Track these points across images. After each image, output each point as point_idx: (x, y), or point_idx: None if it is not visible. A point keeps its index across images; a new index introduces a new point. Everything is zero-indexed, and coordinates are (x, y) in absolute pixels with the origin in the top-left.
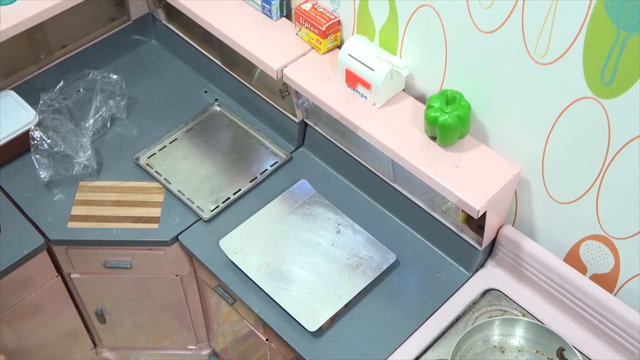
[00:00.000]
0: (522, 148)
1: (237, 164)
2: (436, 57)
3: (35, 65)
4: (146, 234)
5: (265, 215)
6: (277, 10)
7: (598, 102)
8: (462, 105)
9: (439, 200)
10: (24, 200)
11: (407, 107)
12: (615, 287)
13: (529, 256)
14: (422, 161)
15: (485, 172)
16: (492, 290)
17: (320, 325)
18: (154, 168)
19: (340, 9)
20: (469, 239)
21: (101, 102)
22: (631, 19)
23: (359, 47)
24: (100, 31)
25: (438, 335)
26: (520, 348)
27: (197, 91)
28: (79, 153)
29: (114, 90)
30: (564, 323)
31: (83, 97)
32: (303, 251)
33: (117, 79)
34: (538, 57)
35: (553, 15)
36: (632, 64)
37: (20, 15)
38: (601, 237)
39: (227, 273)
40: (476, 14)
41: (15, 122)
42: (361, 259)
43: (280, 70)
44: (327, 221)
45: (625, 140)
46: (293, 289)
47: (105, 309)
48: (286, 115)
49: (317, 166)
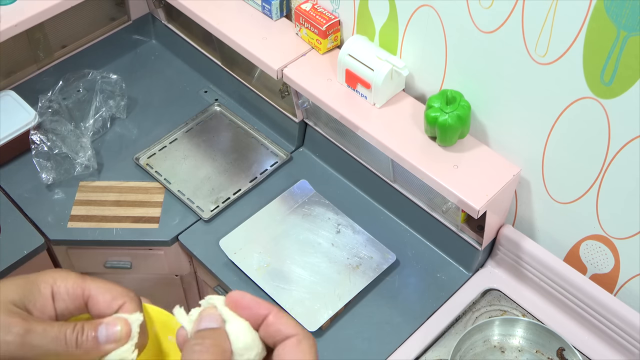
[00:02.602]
0: (522, 148)
1: (237, 164)
2: (436, 57)
3: (35, 65)
4: (146, 234)
5: (265, 215)
6: (277, 10)
7: (598, 102)
8: (462, 105)
9: (439, 200)
10: (24, 200)
11: (407, 107)
12: (615, 287)
13: (529, 256)
14: (422, 161)
15: (485, 172)
16: (492, 290)
17: (320, 325)
18: (154, 168)
19: (340, 9)
20: (469, 239)
21: (101, 102)
22: (631, 19)
23: (359, 47)
24: (100, 31)
25: (438, 335)
26: (520, 348)
27: (197, 91)
28: (79, 153)
29: (113, 90)
30: (564, 323)
31: (83, 97)
32: (303, 251)
33: (117, 78)
34: (538, 57)
35: (553, 15)
36: (632, 64)
37: (20, 15)
38: (601, 237)
39: (227, 273)
40: (476, 14)
41: (15, 122)
42: (361, 259)
43: (280, 70)
44: (327, 221)
45: (625, 140)
46: (293, 289)
47: None
48: (286, 115)
49: (317, 166)
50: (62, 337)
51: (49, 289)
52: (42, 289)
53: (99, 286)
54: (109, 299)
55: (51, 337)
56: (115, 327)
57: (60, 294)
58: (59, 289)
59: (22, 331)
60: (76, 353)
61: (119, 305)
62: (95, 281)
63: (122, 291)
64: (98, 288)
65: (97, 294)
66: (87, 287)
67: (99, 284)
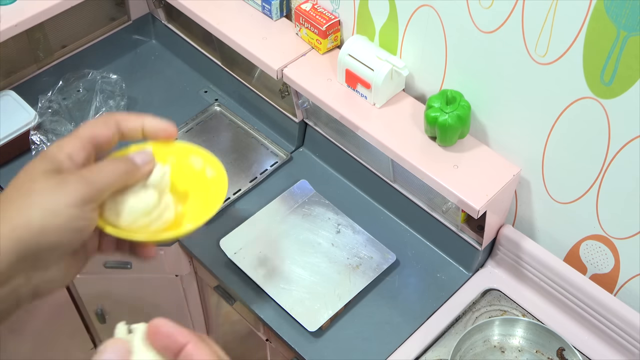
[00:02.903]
0: (522, 148)
1: (237, 164)
2: (436, 57)
3: (35, 65)
4: None
5: (265, 215)
6: (277, 10)
7: (598, 102)
8: (462, 105)
9: (439, 200)
10: None
11: (407, 107)
12: (615, 287)
13: (529, 256)
14: (422, 161)
15: (485, 172)
16: (492, 290)
17: (320, 325)
18: None
19: (340, 9)
20: (469, 239)
21: (101, 102)
22: (631, 19)
23: (359, 47)
24: (100, 31)
25: (438, 335)
26: (520, 348)
27: (197, 91)
28: None
29: (113, 90)
30: (564, 323)
31: (83, 97)
32: (303, 251)
33: (116, 78)
34: (538, 57)
35: (553, 15)
36: (632, 64)
37: (20, 15)
38: (601, 237)
39: (227, 273)
40: (476, 14)
41: (15, 122)
42: (361, 259)
43: (280, 70)
44: (327, 221)
45: (625, 140)
46: (293, 289)
47: (105, 309)
48: (286, 115)
49: (317, 166)
50: (121, 163)
51: (84, 132)
52: (78, 134)
53: (122, 113)
54: (134, 116)
55: (110, 168)
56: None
57: (94, 123)
58: (92, 124)
59: (79, 176)
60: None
61: (143, 120)
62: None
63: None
64: (122, 114)
65: (122, 119)
66: (112, 115)
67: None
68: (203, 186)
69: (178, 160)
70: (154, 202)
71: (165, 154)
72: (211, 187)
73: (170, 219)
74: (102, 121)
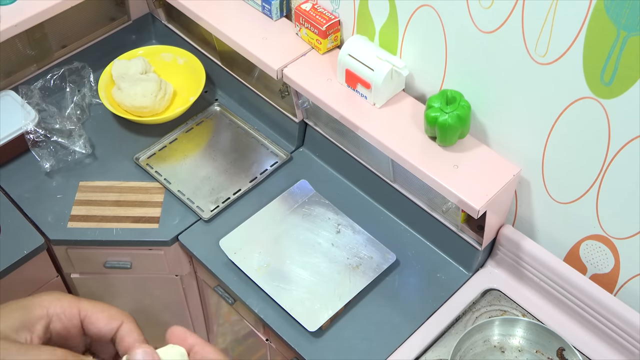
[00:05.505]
0: (522, 148)
1: (237, 164)
2: (436, 57)
3: (35, 65)
4: (146, 234)
5: (265, 215)
6: (277, 10)
7: (598, 102)
8: (462, 105)
9: (439, 200)
10: (24, 200)
11: (407, 107)
12: (615, 287)
13: (529, 256)
14: (422, 161)
15: (485, 172)
16: (492, 290)
17: (320, 325)
18: (154, 168)
19: (340, 9)
20: (469, 239)
21: (73, 90)
22: (631, 19)
23: (359, 47)
24: (100, 31)
25: (438, 335)
26: (520, 348)
27: None
28: (72, 139)
29: (83, 75)
30: (564, 323)
31: (57, 90)
32: (303, 251)
33: (81, 65)
34: (538, 57)
35: (553, 15)
36: (632, 64)
37: (20, 15)
38: (601, 237)
39: (227, 273)
40: (476, 14)
41: (15, 122)
42: (361, 259)
43: (280, 70)
44: (327, 221)
45: (625, 140)
46: (293, 289)
47: None
48: (286, 115)
49: (317, 166)
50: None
51: (44, 310)
52: (37, 312)
53: (94, 305)
54: (107, 317)
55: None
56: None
57: (56, 314)
58: (55, 309)
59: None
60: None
61: (118, 325)
62: (89, 301)
63: (117, 311)
64: (94, 307)
65: (93, 313)
66: (82, 307)
67: (94, 304)
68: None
69: None
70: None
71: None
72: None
73: None
74: (67, 319)
